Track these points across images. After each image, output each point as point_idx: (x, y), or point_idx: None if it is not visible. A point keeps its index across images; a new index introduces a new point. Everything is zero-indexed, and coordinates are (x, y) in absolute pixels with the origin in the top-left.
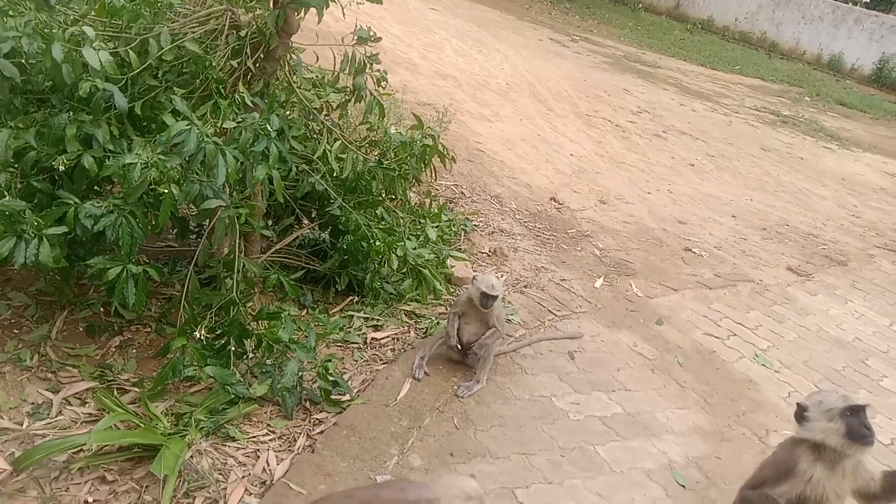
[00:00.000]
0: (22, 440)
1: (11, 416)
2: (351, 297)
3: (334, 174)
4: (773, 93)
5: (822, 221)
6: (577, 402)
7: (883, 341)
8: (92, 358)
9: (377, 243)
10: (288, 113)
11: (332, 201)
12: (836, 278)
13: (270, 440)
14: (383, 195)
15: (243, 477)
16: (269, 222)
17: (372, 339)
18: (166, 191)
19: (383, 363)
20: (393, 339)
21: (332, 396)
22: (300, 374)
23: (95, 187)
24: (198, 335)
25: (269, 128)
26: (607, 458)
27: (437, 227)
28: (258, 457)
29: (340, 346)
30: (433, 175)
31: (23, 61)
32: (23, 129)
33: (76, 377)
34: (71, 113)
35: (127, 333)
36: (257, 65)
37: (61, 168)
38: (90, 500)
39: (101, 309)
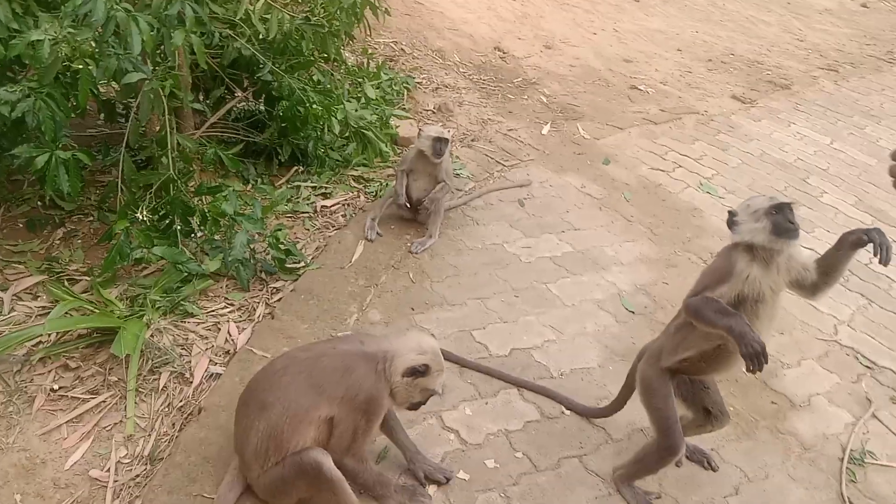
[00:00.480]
0: None
1: None
2: (295, 168)
3: (260, 37)
4: None
5: (767, 48)
6: (528, 246)
7: (823, 159)
8: (37, 253)
9: (314, 107)
10: None
11: (261, 66)
12: (779, 103)
13: (230, 312)
14: (315, 55)
15: (206, 349)
16: (200, 96)
17: (322, 206)
18: (82, 67)
19: (335, 229)
20: (343, 205)
21: (287, 265)
22: (251, 245)
23: (8, 73)
24: (140, 217)
25: None
26: (559, 293)
27: (377, 86)
28: (219, 329)
29: (290, 217)
30: (367, 31)
31: None
32: None
33: (24, 273)
34: None
35: (69, 224)
36: None
37: None
38: (55, 387)
39: (39, 203)
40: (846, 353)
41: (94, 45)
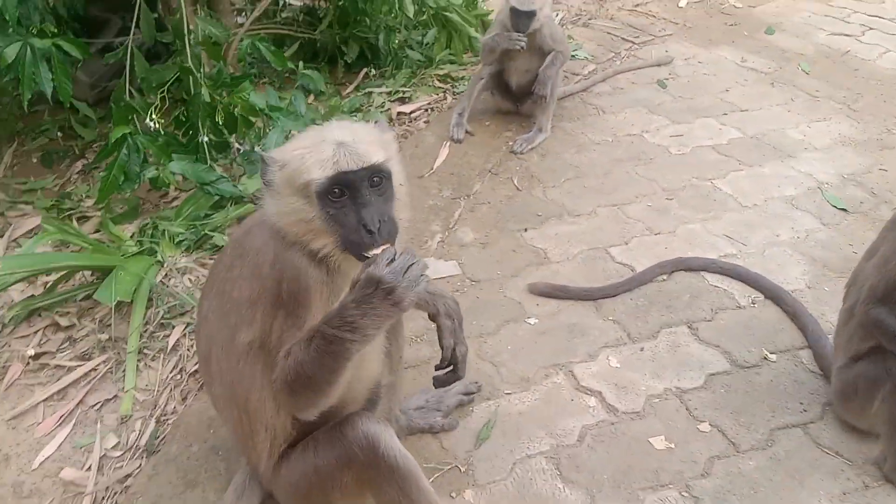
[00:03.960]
0: None
1: None
2: (366, 70)
3: None
4: None
5: None
6: (678, 134)
7: None
8: (50, 190)
9: None
10: None
11: None
12: None
13: None
14: None
15: None
16: None
17: (399, 113)
18: None
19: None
20: (426, 110)
21: None
22: None
23: None
24: (150, 123)
25: None
26: (731, 191)
27: None
28: None
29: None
30: None
31: None
32: None
33: (28, 213)
34: None
35: (89, 154)
36: None
37: None
38: (31, 353)
39: (59, 134)
40: None
41: None
